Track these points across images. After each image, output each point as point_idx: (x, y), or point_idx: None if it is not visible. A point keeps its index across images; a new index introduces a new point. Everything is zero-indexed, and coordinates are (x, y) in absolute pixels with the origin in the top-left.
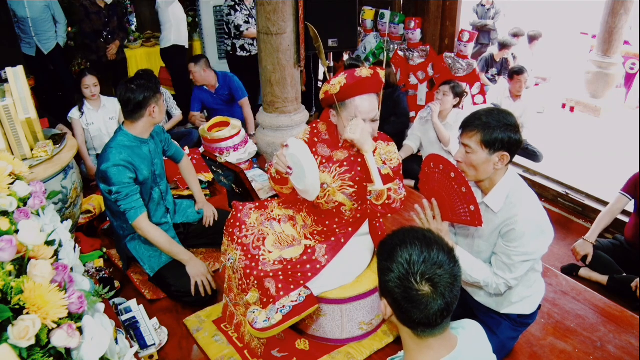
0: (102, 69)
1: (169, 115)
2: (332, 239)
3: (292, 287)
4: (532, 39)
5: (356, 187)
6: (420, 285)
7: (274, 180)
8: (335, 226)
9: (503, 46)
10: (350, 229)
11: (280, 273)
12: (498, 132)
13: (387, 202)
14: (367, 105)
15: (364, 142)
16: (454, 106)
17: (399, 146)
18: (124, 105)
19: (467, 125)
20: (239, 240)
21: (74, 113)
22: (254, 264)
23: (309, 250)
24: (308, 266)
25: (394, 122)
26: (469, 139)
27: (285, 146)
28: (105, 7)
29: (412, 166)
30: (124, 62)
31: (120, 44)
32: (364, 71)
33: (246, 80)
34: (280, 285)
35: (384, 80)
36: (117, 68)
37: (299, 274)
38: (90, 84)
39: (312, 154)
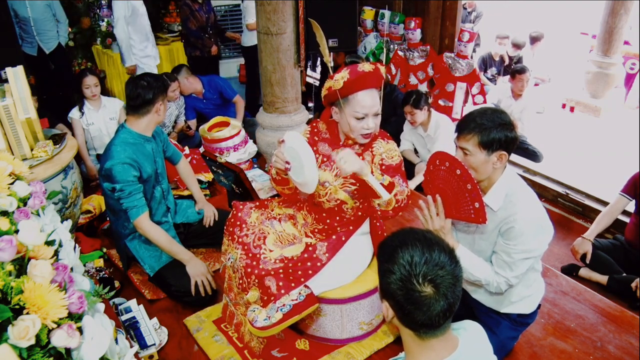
0: (202, 64)
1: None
2: (333, 237)
3: (292, 285)
4: (534, 40)
5: (358, 184)
6: (423, 287)
7: (275, 181)
8: (336, 224)
9: (499, 38)
10: (351, 227)
11: (281, 271)
12: (494, 133)
13: (396, 205)
14: (370, 100)
15: (362, 168)
16: (428, 110)
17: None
18: (132, 99)
19: (463, 128)
20: (240, 240)
21: (74, 113)
22: (254, 263)
23: (310, 248)
24: (309, 264)
25: (395, 123)
26: (466, 142)
27: (281, 142)
28: (203, 2)
29: (411, 167)
30: (217, 57)
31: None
32: (366, 66)
33: None
34: (280, 284)
35: (384, 75)
36: (214, 63)
37: (300, 272)
38: (91, 84)
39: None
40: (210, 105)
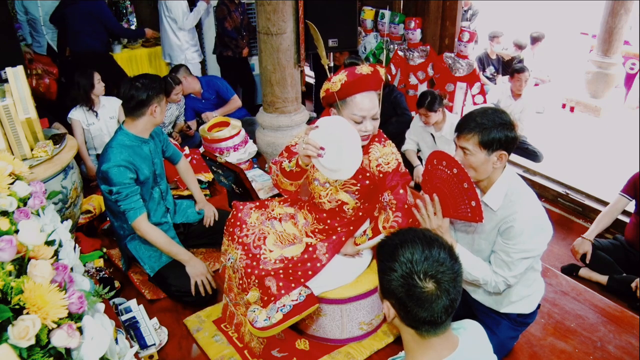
0: (233, 65)
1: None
2: (334, 237)
3: (292, 285)
4: (534, 40)
5: (359, 185)
6: (424, 283)
7: (289, 174)
8: (336, 224)
9: (493, 37)
10: (351, 227)
11: (281, 271)
12: (494, 132)
13: (392, 228)
14: (368, 103)
15: (354, 250)
16: (442, 111)
17: (400, 147)
18: (126, 101)
19: (463, 128)
20: (240, 240)
21: (73, 113)
22: (255, 263)
23: (310, 249)
24: (309, 264)
25: (396, 123)
26: (466, 142)
27: (312, 129)
28: (239, 4)
29: (411, 166)
30: (247, 57)
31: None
32: (364, 68)
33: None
34: (281, 284)
35: (383, 78)
36: (246, 62)
37: (300, 272)
38: (99, 78)
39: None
40: (209, 105)
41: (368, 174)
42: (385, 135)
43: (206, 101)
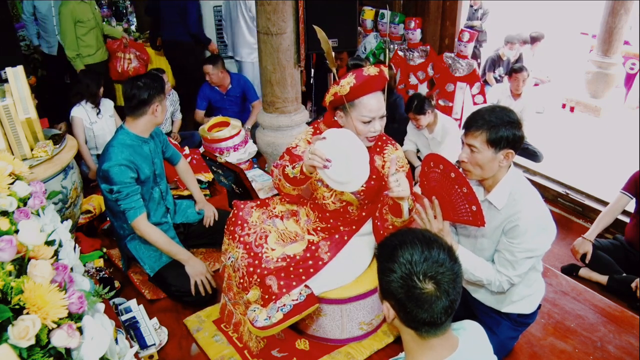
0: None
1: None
2: (336, 236)
3: (294, 283)
4: (534, 40)
5: (365, 185)
6: (424, 284)
7: (292, 180)
8: (339, 224)
9: (508, 42)
10: (354, 227)
11: (282, 270)
12: (503, 130)
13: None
14: (376, 103)
15: (409, 195)
16: (433, 112)
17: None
18: (128, 100)
19: (471, 125)
20: (241, 239)
21: (75, 111)
22: (257, 262)
23: (312, 247)
24: (310, 262)
25: (393, 128)
26: (473, 139)
27: (321, 139)
28: None
29: (412, 167)
30: None
31: None
32: (371, 70)
33: None
34: (282, 283)
35: (387, 77)
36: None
37: (301, 270)
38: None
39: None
40: (229, 101)
41: (374, 176)
42: (391, 138)
43: (228, 97)
